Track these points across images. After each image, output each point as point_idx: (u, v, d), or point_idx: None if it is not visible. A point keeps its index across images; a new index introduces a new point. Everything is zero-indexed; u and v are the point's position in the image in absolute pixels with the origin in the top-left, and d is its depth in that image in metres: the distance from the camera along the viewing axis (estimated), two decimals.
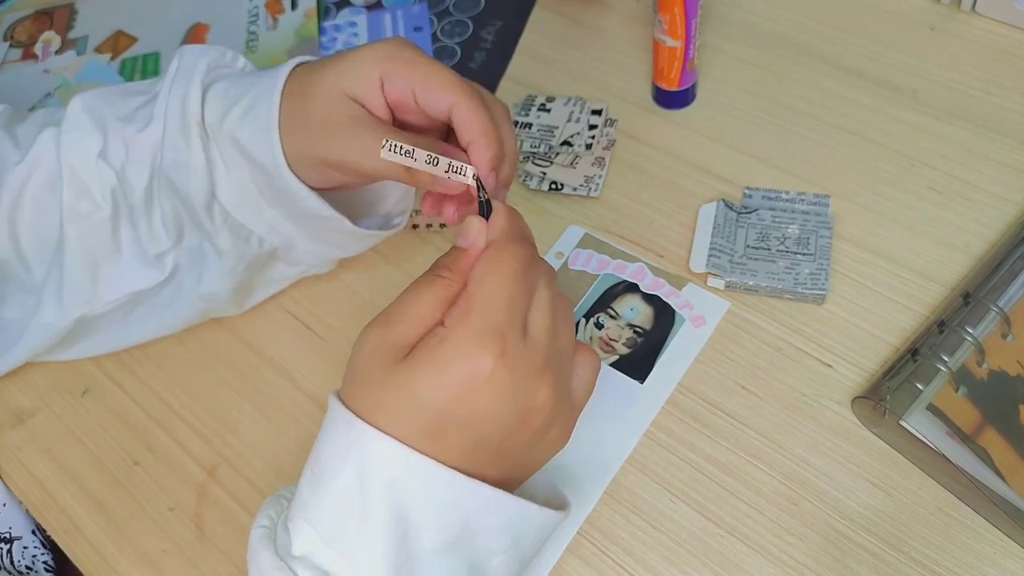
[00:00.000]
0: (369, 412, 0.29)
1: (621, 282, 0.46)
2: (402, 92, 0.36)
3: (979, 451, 0.37)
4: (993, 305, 0.40)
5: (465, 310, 0.29)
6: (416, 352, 0.29)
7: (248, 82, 0.40)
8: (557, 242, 0.49)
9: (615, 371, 0.43)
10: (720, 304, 0.45)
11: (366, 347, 0.31)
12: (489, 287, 0.30)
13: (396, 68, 0.36)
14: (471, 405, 0.29)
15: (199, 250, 0.43)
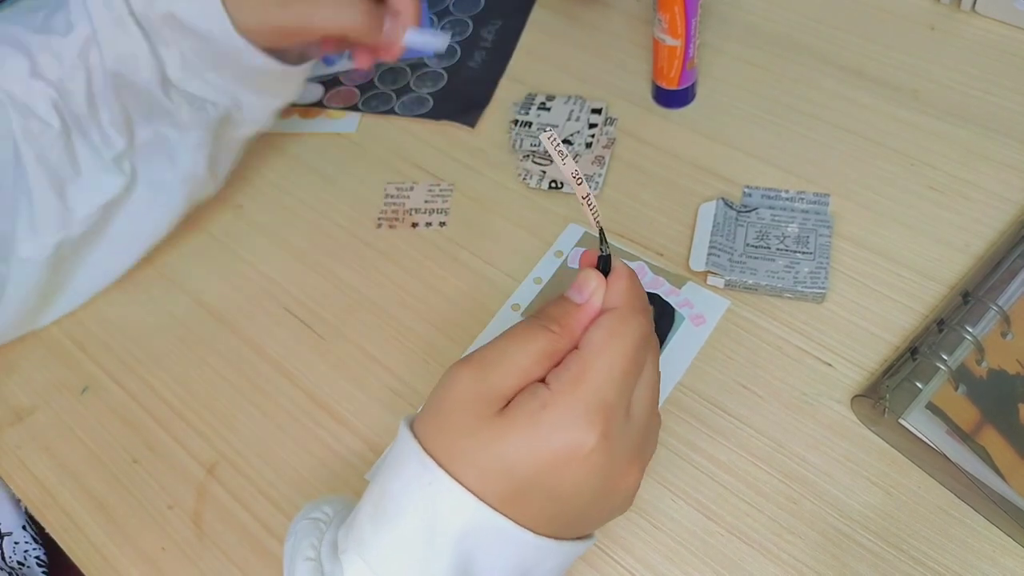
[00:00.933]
0: (451, 460, 0.28)
1: None
2: None
3: (978, 450, 0.37)
4: (993, 304, 0.40)
5: (576, 379, 0.28)
6: (515, 410, 0.28)
7: None
8: (557, 240, 0.49)
9: None
10: (720, 303, 0.45)
11: (459, 387, 0.28)
12: (606, 361, 0.28)
13: None
14: (561, 478, 0.27)
15: (159, 137, 0.44)
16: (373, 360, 0.45)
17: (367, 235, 0.51)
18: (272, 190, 0.54)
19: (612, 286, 0.30)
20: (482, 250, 0.49)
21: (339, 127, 0.57)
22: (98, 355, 0.48)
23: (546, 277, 0.47)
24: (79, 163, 0.43)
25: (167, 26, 0.41)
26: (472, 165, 0.53)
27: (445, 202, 0.52)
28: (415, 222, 0.51)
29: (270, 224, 0.52)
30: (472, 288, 0.48)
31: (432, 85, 0.58)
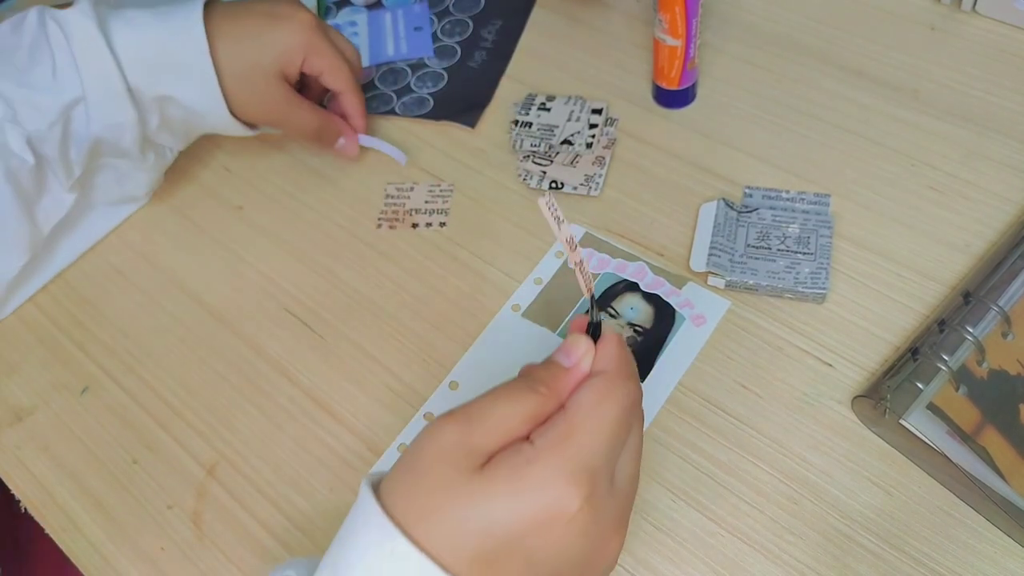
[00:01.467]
0: (422, 517, 0.26)
1: (621, 281, 0.46)
2: (313, 71, 0.49)
3: (979, 450, 0.37)
4: (993, 304, 0.40)
5: (563, 438, 0.27)
6: (497, 466, 0.27)
7: (159, 32, 0.44)
8: (557, 241, 0.49)
9: None
10: (721, 303, 0.45)
11: (440, 440, 0.28)
12: (594, 424, 0.28)
13: (315, 59, 0.48)
14: (541, 540, 0.26)
15: (113, 166, 0.48)
16: (373, 360, 0.45)
17: (367, 235, 0.51)
18: (272, 191, 0.54)
19: (601, 351, 0.30)
20: (482, 250, 0.49)
21: None
22: (98, 355, 0.48)
23: (546, 278, 0.47)
24: (45, 188, 0.46)
25: (162, 102, 0.46)
26: (472, 165, 0.53)
27: (445, 202, 0.52)
28: (415, 222, 0.51)
29: (270, 224, 0.52)
30: (472, 288, 0.48)
31: (432, 85, 0.58)
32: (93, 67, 0.43)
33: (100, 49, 0.43)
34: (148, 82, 0.44)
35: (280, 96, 0.48)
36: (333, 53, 0.49)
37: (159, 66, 0.44)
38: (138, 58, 0.44)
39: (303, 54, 0.47)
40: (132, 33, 0.44)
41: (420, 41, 0.61)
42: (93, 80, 0.43)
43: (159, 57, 0.44)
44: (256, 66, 0.46)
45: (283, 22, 0.47)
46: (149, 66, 0.44)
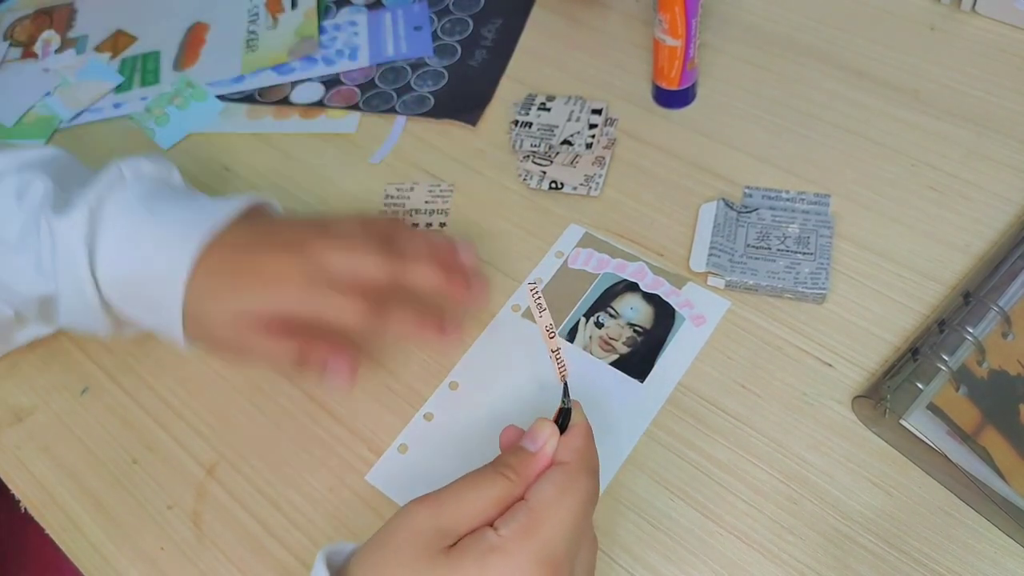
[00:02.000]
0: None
1: (621, 281, 0.46)
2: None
3: (979, 450, 0.37)
4: (993, 304, 0.40)
5: (526, 529, 0.28)
6: (464, 549, 0.28)
7: (140, 274, 0.40)
8: (557, 241, 0.49)
9: (615, 370, 0.43)
10: (720, 303, 0.45)
11: (411, 522, 0.29)
12: (556, 515, 0.29)
13: (302, 312, 0.39)
14: None
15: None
16: (373, 360, 0.45)
17: None
18: (272, 191, 0.54)
19: (566, 441, 0.31)
20: (482, 250, 0.49)
21: (339, 127, 0.57)
22: (98, 355, 0.48)
23: (547, 278, 0.47)
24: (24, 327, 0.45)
25: (133, 322, 0.42)
26: (472, 166, 0.53)
27: (445, 202, 0.52)
28: (415, 222, 0.51)
29: None
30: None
31: (433, 84, 0.58)
32: (71, 284, 0.40)
33: (81, 272, 0.39)
34: (118, 299, 0.41)
35: (248, 337, 0.39)
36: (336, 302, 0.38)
37: (132, 297, 0.41)
38: (115, 285, 0.40)
39: (291, 308, 0.39)
40: (114, 263, 0.40)
41: (420, 40, 0.61)
42: (70, 292, 0.40)
43: (135, 293, 0.40)
44: (225, 312, 0.39)
45: (273, 285, 0.39)
46: (123, 294, 0.41)
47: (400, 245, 0.40)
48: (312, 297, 0.38)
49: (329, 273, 0.38)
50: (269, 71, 0.61)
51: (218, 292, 0.39)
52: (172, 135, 0.58)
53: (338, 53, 0.61)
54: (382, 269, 0.38)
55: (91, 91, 0.61)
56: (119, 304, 0.41)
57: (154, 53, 0.63)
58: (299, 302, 0.38)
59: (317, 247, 0.39)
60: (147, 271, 0.39)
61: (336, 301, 0.38)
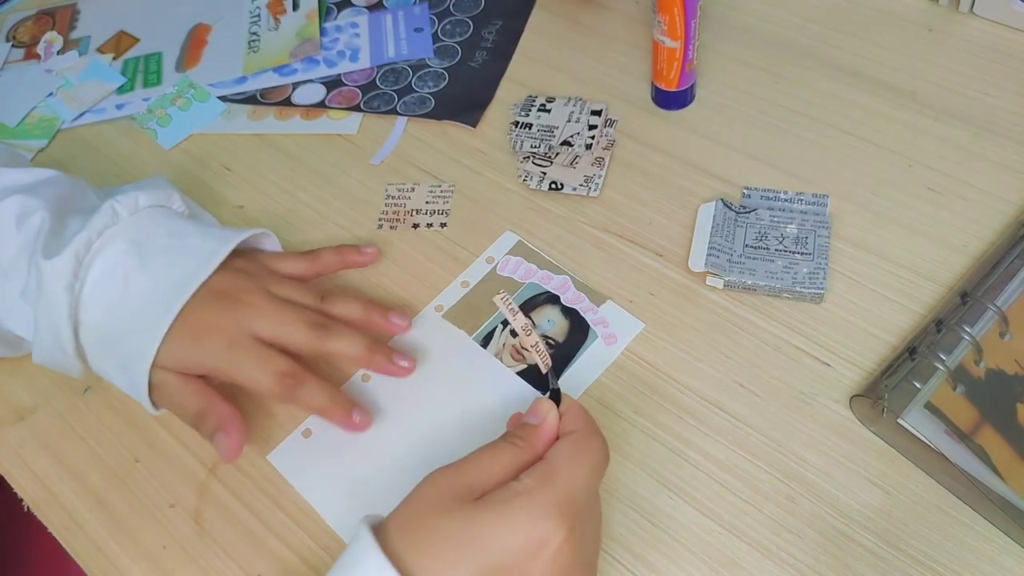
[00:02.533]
0: (421, 542, 0.29)
1: (544, 292, 0.46)
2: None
3: (977, 449, 0.37)
4: (991, 304, 0.41)
5: (547, 476, 0.31)
6: (489, 498, 0.30)
7: (126, 306, 0.40)
8: (492, 246, 0.49)
9: (520, 380, 0.43)
10: (634, 325, 0.44)
11: (436, 483, 0.32)
12: (573, 467, 0.32)
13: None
14: (526, 569, 0.29)
15: None
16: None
17: (368, 236, 0.51)
18: (273, 191, 0.54)
19: (568, 415, 0.35)
20: (482, 251, 0.49)
21: (340, 128, 0.57)
22: None
23: (474, 281, 0.47)
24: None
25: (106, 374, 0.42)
26: (473, 166, 0.54)
27: (446, 203, 0.52)
28: (416, 223, 0.51)
29: (271, 225, 0.52)
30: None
31: (433, 85, 0.59)
32: (49, 326, 0.40)
33: (60, 318, 0.40)
34: (95, 353, 0.41)
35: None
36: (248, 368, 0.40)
37: (106, 339, 0.41)
38: (92, 332, 0.40)
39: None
40: (96, 312, 0.40)
41: (421, 42, 0.62)
42: (47, 334, 0.40)
43: (111, 349, 0.41)
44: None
45: (202, 338, 0.40)
46: (98, 340, 0.41)
47: (330, 305, 0.43)
48: (231, 358, 0.40)
49: (255, 335, 0.40)
50: (271, 72, 0.61)
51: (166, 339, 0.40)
52: (174, 136, 0.58)
53: (339, 54, 0.61)
54: (306, 344, 0.41)
55: (93, 92, 0.62)
56: (93, 352, 0.41)
57: (156, 54, 0.64)
58: (218, 360, 0.40)
59: (252, 307, 0.41)
60: (127, 326, 0.40)
61: (251, 369, 0.40)
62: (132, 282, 0.40)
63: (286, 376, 0.39)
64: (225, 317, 0.40)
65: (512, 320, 0.36)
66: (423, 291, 0.48)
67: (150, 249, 0.41)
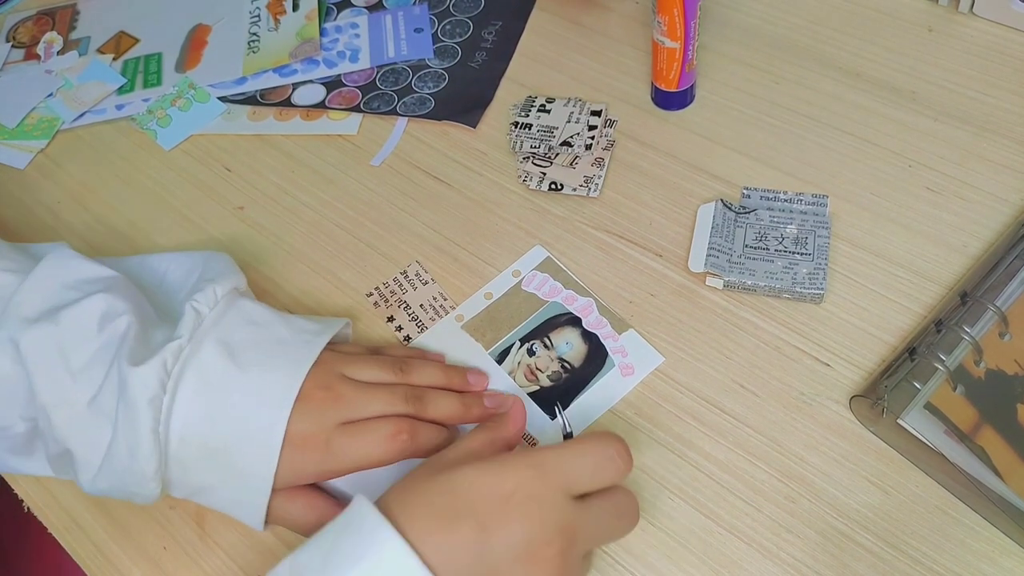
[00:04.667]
0: (411, 504, 0.31)
1: (566, 313, 0.46)
2: None
3: (977, 450, 0.37)
4: (991, 304, 0.41)
5: (537, 448, 0.34)
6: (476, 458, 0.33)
7: (228, 417, 0.36)
8: (518, 260, 0.48)
9: (530, 401, 0.43)
10: (654, 358, 0.43)
11: (428, 461, 0.35)
12: (568, 450, 0.33)
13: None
14: (499, 515, 0.31)
15: None
16: None
17: (368, 236, 0.51)
18: (273, 191, 0.54)
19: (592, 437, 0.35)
20: (482, 251, 0.49)
21: (340, 128, 0.57)
22: None
23: (498, 294, 0.47)
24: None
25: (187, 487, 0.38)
26: (472, 167, 0.54)
27: (438, 315, 0.50)
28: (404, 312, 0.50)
29: (271, 225, 0.53)
30: (472, 289, 0.48)
31: (433, 85, 0.59)
32: (126, 436, 0.35)
33: (142, 427, 0.35)
34: (194, 464, 0.37)
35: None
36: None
37: (214, 465, 0.37)
38: (192, 444, 0.36)
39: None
40: (197, 420, 0.36)
41: (421, 42, 0.62)
42: (121, 446, 0.36)
43: (219, 462, 0.37)
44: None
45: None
46: (200, 455, 0.37)
47: (414, 375, 0.41)
48: (336, 455, 0.37)
49: (349, 421, 0.38)
50: (271, 73, 0.61)
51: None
52: (174, 136, 0.58)
53: (339, 55, 0.61)
54: (404, 411, 0.39)
55: (93, 92, 0.62)
56: (188, 467, 0.37)
57: (156, 55, 0.64)
58: (322, 465, 0.38)
59: (342, 400, 0.38)
60: (235, 436, 0.36)
61: (359, 451, 0.37)
62: (231, 390, 0.37)
63: (398, 434, 0.37)
64: (320, 421, 0.37)
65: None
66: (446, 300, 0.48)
67: (238, 346, 0.38)
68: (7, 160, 0.59)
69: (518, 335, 0.45)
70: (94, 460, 0.36)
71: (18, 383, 0.37)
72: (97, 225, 0.54)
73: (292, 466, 0.37)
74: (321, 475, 0.38)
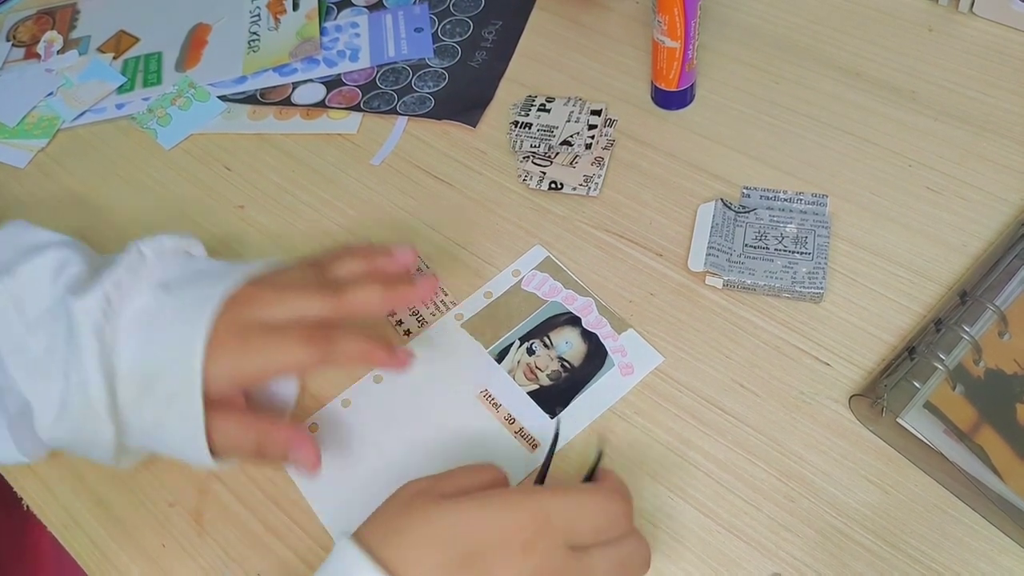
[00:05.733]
0: (392, 535, 0.30)
1: (566, 313, 0.46)
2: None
3: (976, 449, 0.37)
4: (990, 304, 0.41)
5: (532, 487, 0.33)
6: (466, 494, 0.32)
7: (160, 339, 0.37)
8: (518, 260, 0.48)
9: (529, 400, 0.43)
10: (654, 357, 0.44)
11: (410, 487, 0.33)
12: (562, 496, 0.32)
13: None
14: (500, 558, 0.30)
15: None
16: None
17: (368, 236, 0.51)
18: (273, 190, 0.54)
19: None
20: (482, 251, 0.49)
21: (340, 128, 0.57)
22: None
23: (497, 293, 0.47)
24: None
25: (147, 430, 0.38)
26: (472, 166, 0.54)
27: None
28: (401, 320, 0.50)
29: (271, 224, 0.53)
30: (471, 288, 0.48)
31: (433, 85, 0.59)
32: (76, 377, 0.36)
33: (88, 363, 0.36)
34: (132, 397, 0.37)
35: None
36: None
37: (142, 376, 0.37)
38: (132, 376, 0.37)
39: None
40: (132, 349, 0.37)
41: (421, 42, 0.62)
42: (74, 387, 0.36)
43: (151, 389, 0.37)
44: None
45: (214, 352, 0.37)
46: (134, 377, 0.37)
47: (335, 272, 0.40)
48: (253, 357, 0.37)
49: (268, 326, 0.37)
50: (271, 72, 0.61)
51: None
52: (174, 135, 0.58)
53: (339, 54, 0.62)
54: (324, 309, 0.38)
55: (93, 92, 0.62)
56: (134, 403, 0.37)
57: (156, 54, 0.64)
58: (244, 365, 0.37)
59: (258, 301, 0.38)
60: (164, 354, 0.37)
61: (276, 353, 0.37)
62: (162, 316, 0.37)
63: (313, 337, 0.37)
64: (237, 323, 0.37)
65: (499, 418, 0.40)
66: None
67: (174, 282, 0.39)
68: (7, 159, 0.59)
69: (518, 334, 0.45)
70: (51, 408, 0.36)
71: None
72: (97, 224, 0.54)
73: (215, 368, 0.36)
74: (243, 376, 0.37)
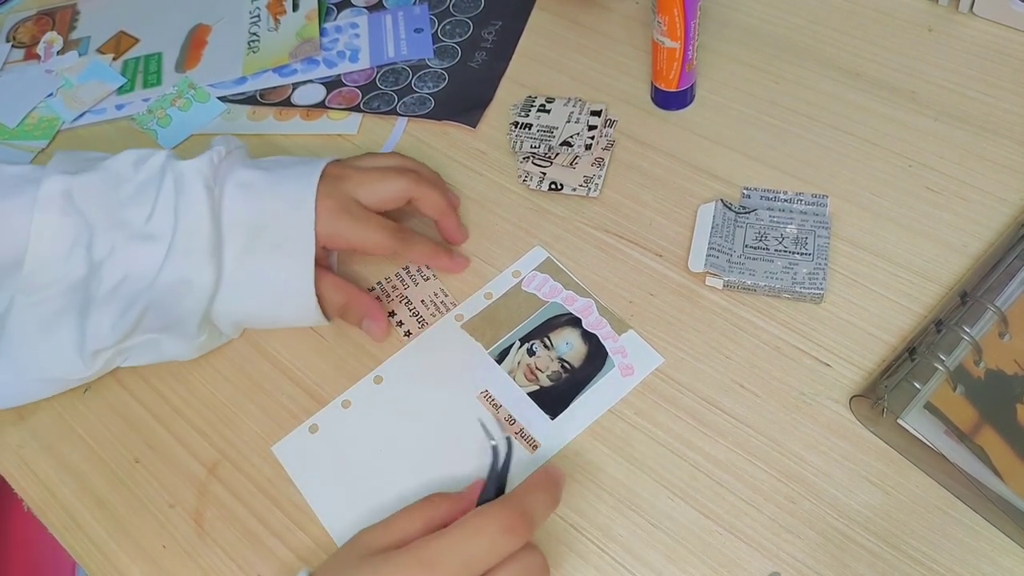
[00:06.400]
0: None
1: (566, 314, 0.46)
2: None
3: (976, 450, 0.37)
4: (990, 304, 0.41)
5: (451, 543, 0.33)
6: (401, 548, 0.33)
7: (268, 198, 0.44)
8: (518, 260, 0.48)
9: (530, 401, 0.43)
10: (653, 358, 0.44)
11: (356, 540, 0.35)
12: (458, 533, 0.32)
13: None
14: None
15: (152, 343, 0.43)
16: (374, 359, 0.46)
17: None
18: None
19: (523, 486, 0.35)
20: (482, 251, 0.49)
21: (340, 128, 0.57)
22: None
23: (497, 294, 0.47)
24: (60, 333, 0.41)
25: (253, 276, 0.44)
26: (472, 167, 0.54)
27: (438, 312, 0.50)
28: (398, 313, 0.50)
29: None
30: (471, 288, 0.48)
31: (433, 85, 0.59)
32: (189, 222, 0.42)
33: (201, 208, 0.42)
34: (240, 245, 0.43)
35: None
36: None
37: (253, 225, 0.43)
38: (238, 218, 0.43)
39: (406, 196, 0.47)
40: (240, 192, 0.43)
41: (421, 42, 0.62)
42: (182, 234, 0.42)
43: (258, 216, 0.43)
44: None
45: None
46: (244, 225, 0.43)
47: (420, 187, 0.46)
48: (350, 223, 0.44)
49: (360, 202, 0.45)
50: (270, 73, 0.61)
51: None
52: (174, 136, 0.58)
53: (339, 55, 0.62)
54: (403, 194, 0.46)
55: (93, 92, 0.62)
56: (241, 250, 0.42)
57: (156, 55, 0.64)
58: (341, 228, 0.44)
59: (351, 179, 0.45)
60: (273, 208, 0.43)
61: (368, 231, 0.44)
62: (262, 184, 0.44)
63: (397, 231, 0.45)
64: (334, 194, 0.44)
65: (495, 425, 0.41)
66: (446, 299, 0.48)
67: (269, 166, 0.45)
68: (8, 160, 0.59)
69: (518, 335, 0.45)
70: (152, 267, 0.42)
71: (66, 233, 0.41)
72: None
73: (323, 225, 0.43)
74: (338, 239, 0.44)
